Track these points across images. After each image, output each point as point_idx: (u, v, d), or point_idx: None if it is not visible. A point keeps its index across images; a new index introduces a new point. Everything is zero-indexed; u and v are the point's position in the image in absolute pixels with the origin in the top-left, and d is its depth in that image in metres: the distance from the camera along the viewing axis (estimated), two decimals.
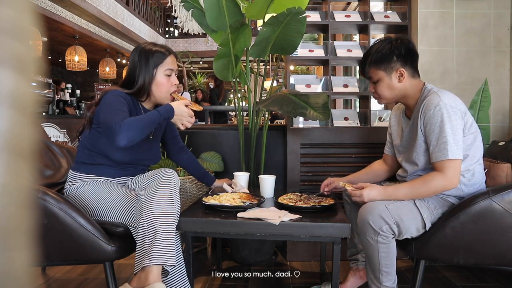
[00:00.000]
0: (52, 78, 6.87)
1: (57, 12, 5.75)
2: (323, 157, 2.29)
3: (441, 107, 1.37)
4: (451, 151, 1.35)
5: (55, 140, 2.78)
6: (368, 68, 1.53)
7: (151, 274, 1.23)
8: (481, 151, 1.49)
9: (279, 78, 9.28)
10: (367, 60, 1.53)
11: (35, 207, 1.25)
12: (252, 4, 2.03)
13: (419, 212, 1.41)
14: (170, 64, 1.61)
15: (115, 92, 1.52)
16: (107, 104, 1.47)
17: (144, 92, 1.60)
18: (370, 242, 1.41)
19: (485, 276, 2.03)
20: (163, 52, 1.59)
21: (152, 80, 1.58)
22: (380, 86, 1.53)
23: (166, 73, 1.60)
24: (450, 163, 1.36)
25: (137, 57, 1.58)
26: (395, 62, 1.48)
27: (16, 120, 0.29)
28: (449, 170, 1.36)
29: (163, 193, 1.38)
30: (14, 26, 0.29)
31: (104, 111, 1.45)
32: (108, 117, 1.40)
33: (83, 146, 1.58)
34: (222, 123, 6.03)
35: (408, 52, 1.49)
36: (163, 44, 1.66)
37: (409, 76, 1.50)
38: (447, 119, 1.36)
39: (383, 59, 1.49)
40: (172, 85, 1.62)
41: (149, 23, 9.35)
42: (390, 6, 2.62)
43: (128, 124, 1.36)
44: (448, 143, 1.36)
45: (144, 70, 1.57)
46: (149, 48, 1.59)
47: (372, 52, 1.52)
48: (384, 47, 1.49)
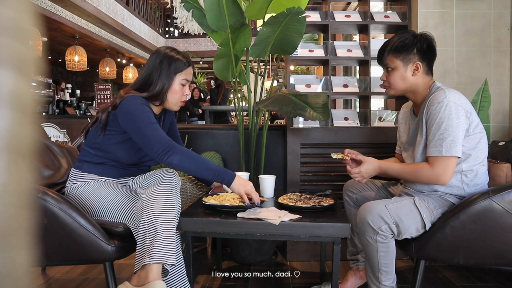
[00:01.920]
0: (52, 78, 6.88)
1: (57, 12, 5.75)
2: (323, 157, 2.29)
3: (445, 103, 1.37)
4: (446, 148, 1.36)
5: (55, 140, 2.77)
6: (387, 55, 1.53)
7: (151, 272, 1.23)
8: (485, 152, 1.48)
9: (279, 78, 9.28)
10: (387, 47, 1.53)
11: (35, 207, 1.25)
12: (252, 4, 2.03)
13: (419, 212, 1.41)
14: (188, 74, 1.63)
15: (138, 100, 1.52)
16: (136, 115, 1.47)
17: (162, 97, 1.60)
18: (369, 242, 1.41)
19: (485, 276, 2.03)
20: (184, 62, 1.60)
21: (170, 86, 1.59)
22: (393, 75, 1.53)
23: (182, 82, 1.61)
24: (441, 160, 1.37)
25: (159, 61, 1.58)
26: (414, 55, 1.49)
27: (16, 120, 0.29)
28: (439, 167, 1.38)
29: (164, 193, 1.38)
30: (14, 26, 0.29)
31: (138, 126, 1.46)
32: (152, 136, 1.44)
33: (91, 146, 1.58)
34: (222, 123, 6.03)
35: (429, 48, 1.50)
36: (185, 53, 1.66)
37: (423, 72, 1.51)
38: (448, 116, 1.36)
39: (403, 48, 1.49)
40: (184, 94, 1.63)
41: (149, 23, 9.35)
42: (390, 6, 2.62)
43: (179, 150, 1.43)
44: (444, 140, 1.36)
45: (165, 75, 1.58)
46: (172, 55, 1.60)
47: (394, 40, 1.52)
48: (407, 38, 1.50)
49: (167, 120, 1.78)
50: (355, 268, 1.78)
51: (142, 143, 1.47)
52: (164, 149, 1.42)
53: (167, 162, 1.43)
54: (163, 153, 1.42)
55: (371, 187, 1.78)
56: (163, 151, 1.42)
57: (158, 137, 1.44)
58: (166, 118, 1.78)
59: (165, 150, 1.42)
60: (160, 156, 1.42)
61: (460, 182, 1.45)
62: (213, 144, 2.52)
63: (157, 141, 1.44)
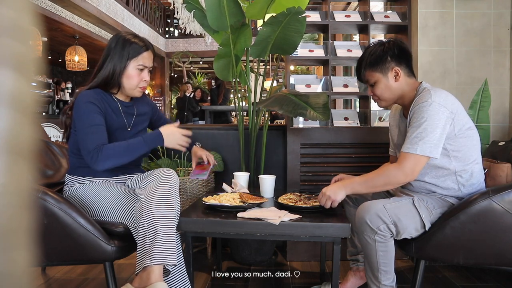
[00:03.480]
0: (52, 78, 6.88)
1: (57, 12, 5.75)
2: (323, 157, 2.29)
3: (428, 103, 1.37)
4: (421, 147, 1.35)
5: (55, 140, 2.77)
6: (364, 72, 1.54)
7: (153, 274, 1.23)
8: (477, 151, 1.48)
9: (279, 78, 9.29)
10: (362, 63, 1.54)
11: (35, 207, 1.25)
12: (252, 4, 2.03)
13: (418, 212, 1.41)
14: (145, 59, 1.54)
15: (83, 98, 1.47)
16: (79, 117, 1.45)
17: (114, 84, 1.54)
18: (368, 241, 1.41)
19: (485, 276, 2.03)
20: (141, 46, 1.53)
21: (123, 72, 1.52)
22: (378, 88, 1.53)
23: (139, 67, 1.53)
24: (413, 158, 1.36)
25: (114, 44, 1.52)
26: (389, 62, 1.50)
27: (16, 120, 0.29)
28: (409, 164, 1.37)
29: (162, 193, 1.38)
30: (14, 26, 0.29)
31: (78, 129, 1.45)
32: (83, 141, 1.42)
33: (71, 152, 1.57)
34: (222, 122, 6.03)
35: (401, 51, 1.50)
36: (144, 38, 1.58)
37: (404, 75, 1.51)
38: (429, 116, 1.36)
39: (377, 60, 1.50)
40: (142, 80, 1.56)
41: (149, 23, 9.35)
42: (390, 6, 2.63)
43: (106, 155, 1.40)
44: (422, 138, 1.35)
45: (117, 58, 1.51)
46: (128, 38, 1.52)
47: (366, 56, 1.53)
48: (377, 49, 1.51)
49: (141, 110, 1.69)
50: (355, 268, 1.78)
51: (80, 146, 1.45)
52: (92, 156, 1.40)
53: (100, 170, 1.42)
54: (93, 159, 1.40)
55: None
56: (91, 158, 1.40)
57: (87, 144, 1.41)
58: (140, 108, 1.69)
59: (94, 156, 1.39)
60: (91, 162, 1.40)
61: (455, 184, 1.45)
62: (213, 144, 2.52)
63: (86, 149, 1.41)
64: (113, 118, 1.55)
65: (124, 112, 1.60)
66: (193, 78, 10.58)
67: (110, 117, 1.54)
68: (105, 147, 1.42)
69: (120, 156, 1.43)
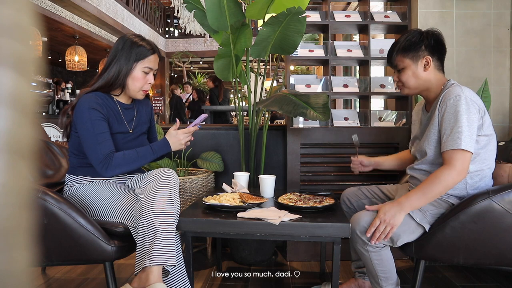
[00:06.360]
0: (52, 78, 6.87)
1: (57, 12, 5.75)
2: (323, 157, 2.29)
3: (461, 97, 1.35)
4: (465, 141, 1.32)
5: (55, 140, 2.77)
6: (396, 55, 1.52)
7: (152, 275, 1.23)
8: (493, 156, 1.46)
9: (279, 78, 9.28)
10: (395, 47, 1.52)
11: (35, 207, 1.25)
12: (252, 4, 2.03)
13: (411, 217, 1.39)
14: (151, 62, 1.57)
15: (86, 104, 1.47)
16: (83, 124, 1.46)
17: (119, 84, 1.56)
18: (362, 252, 1.42)
19: (485, 276, 2.03)
20: (148, 49, 1.55)
21: (129, 73, 1.54)
22: (404, 74, 1.51)
23: (145, 70, 1.56)
24: (460, 154, 1.33)
25: (121, 47, 1.54)
26: (423, 51, 1.48)
27: (16, 120, 0.29)
28: (459, 162, 1.33)
29: (162, 193, 1.38)
30: (14, 26, 0.29)
31: (84, 136, 1.47)
32: (92, 150, 1.46)
33: (71, 152, 1.58)
34: (222, 123, 6.03)
35: (437, 43, 1.49)
36: (151, 41, 1.61)
37: (434, 67, 1.49)
38: (465, 110, 1.34)
39: (411, 47, 1.48)
40: (147, 83, 1.59)
41: (149, 23, 9.35)
42: (390, 6, 2.62)
43: (116, 164, 1.47)
44: (462, 133, 1.33)
45: (124, 60, 1.53)
46: (135, 40, 1.55)
47: (401, 40, 1.51)
48: (414, 36, 1.49)
49: (142, 111, 1.71)
50: (361, 281, 1.73)
51: (87, 153, 1.49)
52: (102, 166, 1.46)
53: (109, 176, 1.52)
54: (103, 168, 1.46)
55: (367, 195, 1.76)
56: (102, 167, 1.45)
57: (96, 152, 1.45)
58: (140, 109, 1.71)
59: (104, 165, 1.45)
60: (101, 171, 1.47)
61: (463, 183, 1.43)
62: (213, 144, 2.52)
63: (96, 159, 1.46)
64: (115, 121, 1.56)
65: (125, 115, 1.62)
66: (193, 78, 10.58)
67: (112, 121, 1.55)
68: (115, 156, 1.47)
69: (129, 165, 1.50)
